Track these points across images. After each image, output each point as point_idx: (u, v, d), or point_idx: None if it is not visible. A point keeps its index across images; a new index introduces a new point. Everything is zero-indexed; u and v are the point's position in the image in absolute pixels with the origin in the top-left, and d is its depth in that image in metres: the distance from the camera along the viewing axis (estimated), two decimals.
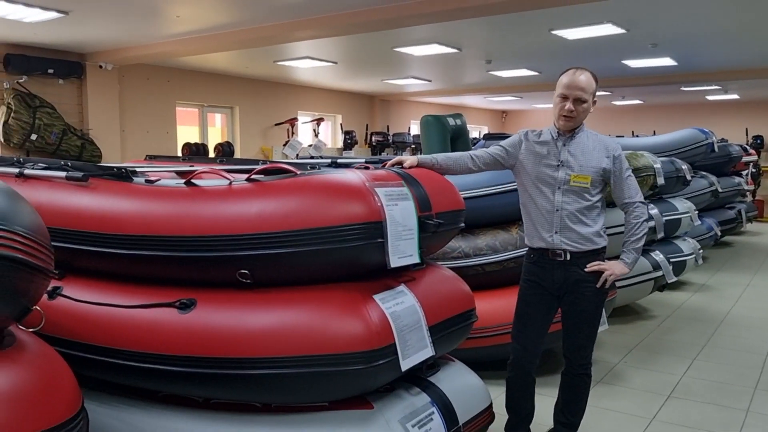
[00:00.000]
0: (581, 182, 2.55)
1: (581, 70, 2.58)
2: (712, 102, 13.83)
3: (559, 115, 2.59)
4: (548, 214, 2.60)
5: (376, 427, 2.13)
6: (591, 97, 2.57)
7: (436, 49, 7.72)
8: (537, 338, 2.72)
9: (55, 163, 2.64)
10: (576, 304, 2.63)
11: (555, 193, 2.59)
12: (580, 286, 2.61)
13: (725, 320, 5.20)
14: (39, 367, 1.49)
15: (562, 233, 2.58)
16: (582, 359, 2.69)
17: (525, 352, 2.72)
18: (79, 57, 7.84)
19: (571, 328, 2.68)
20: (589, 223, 2.58)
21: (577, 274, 2.60)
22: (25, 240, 1.38)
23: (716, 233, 7.73)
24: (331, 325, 2.07)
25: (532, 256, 2.71)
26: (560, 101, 2.58)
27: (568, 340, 2.70)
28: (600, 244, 2.64)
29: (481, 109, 16.37)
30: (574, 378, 2.72)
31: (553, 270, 2.63)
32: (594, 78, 2.59)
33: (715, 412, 3.34)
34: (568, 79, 2.56)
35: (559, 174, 2.58)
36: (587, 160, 2.57)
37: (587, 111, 2.58)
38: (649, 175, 4.93)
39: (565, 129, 2.61)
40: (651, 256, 5.13)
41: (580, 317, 2.64)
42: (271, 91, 10.84)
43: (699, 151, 7.02)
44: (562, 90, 2.57)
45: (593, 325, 2.68)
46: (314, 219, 2.10)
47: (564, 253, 2.60)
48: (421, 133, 4.92)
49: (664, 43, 7.44)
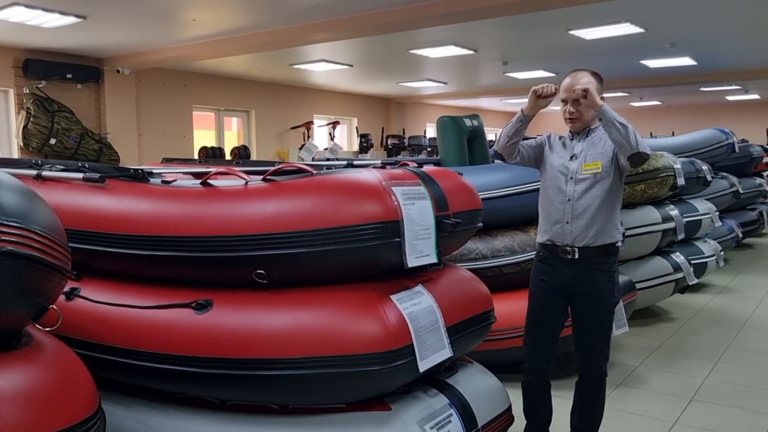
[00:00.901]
0: (592, 169, 2.55)
1: (579, 70, 2.61)
2: (732, 102, 13.64)
3: (564, 120, 2.65)
4: (561, 204, 2.59)
5: (394, 428, 2.10)
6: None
7: (452, 50, 7.70)
8: (550, 342, 2.67)
9: (73, 165, 2.66)
10: (587, 306, 2.57)
11: (568, 183, 2.58)
12: (591, 287, 2.55)
13: (748, 323, 5.10)
14: (56, 367, 1.48)
15: (573, 223, 2.55)
16: (596, 365, 2.62)
17: (538, 356, 2.68)
18: (96, 62, 7.93)
19: (583, 332, 2.62)
20: (601, 213, 2.54)
21: (588, 276, 2.55)
22: (42, 239, 1.38)
23: (738, 235, 7.60)
24: (348, 326, 2.05)
25: (542, 253, 2.68)
26: (563, 106, 2.64)
27: (582, 346, 2.63)
28: (614, 238, 2.58)
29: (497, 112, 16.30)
30: (589, 386, 2.66)
31: (562, 269, 2.59)
32: (595, 76, 2.58)
33: (739, 417, 3.27)
34: (566, 82, 2.61)
35: (572, 165, 2.60)
36: (598, 149, 2.58)
37: (590, 109, 2.54)
38: (669, 176, 4.86)
39: (575, 130, 2.65)
40: (672, 257, 5.05)
41: (592, 320, 2.58)
42: (287, 94, 10.88)
43: (719, 152, 6.90)
44: (562, 94, 2.62)
45: (606, 328, 2.61)
46: (331, 218, 2.08)
47: (573, 251, 2.56)
48: (438, 135, 4.89)
49: (683, 42, 7.35)
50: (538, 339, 2.67)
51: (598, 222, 2.54)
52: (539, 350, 2.67)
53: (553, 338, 2.67)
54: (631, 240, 4.54)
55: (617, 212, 2.62)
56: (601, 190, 2.55)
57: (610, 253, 2.59)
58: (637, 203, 4.88)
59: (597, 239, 2.55)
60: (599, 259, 2.56)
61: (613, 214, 2.59)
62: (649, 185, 4.77)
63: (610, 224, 2.57)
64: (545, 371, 2.69)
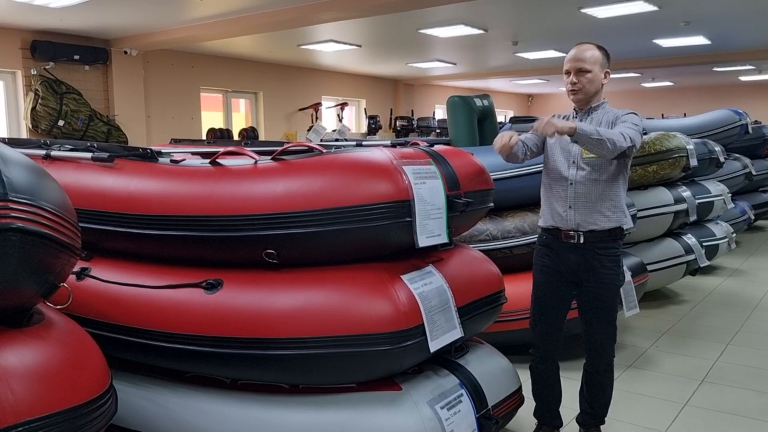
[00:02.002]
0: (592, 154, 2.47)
1: (585, 43, 2.53)
2: (745, 83, 13.44)
3: (567, 91, 2.57)
4: (563, 189, 2.53)
5: (405, 408, 2.10)
6: (597, 68, 2.48)
7: (461, 30, 7.60)
8: (556, 325, 2.64)
9: (81, 145, 2.65)
10: (592, 291, 2.53)
11: (570, 167, 2.52)
12: (596, 272, 2.51)
13: (759, 305, 5.06)
14: (68, 345, 1.48)
15: (576, 208, 2.50)
16: (603, 356, 2.59)
17: (544, 340, 2.66)
18: (104, 43, 7.89)
19: (589, 317, 2.58)
20: (604, 197, 2.48)
21: (592, 261, 2.50)
22: (52, 216, 1.37)
23: (750, 217, 7.52)
24: (359, 306, 2.04)
25: (545, 237, 2.63)
26: (566, 77, 2.55)
27: (588, 330, 2.60)
28: (619, 222, 2.51)
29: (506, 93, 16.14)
30: (597, 370, 2.63)
31: (567, 254, 2.54)
32: (601, 50, 2.51)
33: (751, 398, 3.25)
34: (571, 53, 2.53)
35: (573, 148, 2.52)
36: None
37: (594, 82, 2.49)
38: (681, 157, 4.79)
39: (578, 104, 2.57)
40: (683, 239, 5.01)
41: (598, 305, 2.54)
42: (294, 76, 10.81)
43: (732, 133, 6.81)
44: (566, 65, 2.54)
45: (612, 312, 2.58)
46: (341, 198, 2.06)
47: (577, 236, 2.51)
48: (448, 115, 4.84)
49: (697, 20, 7.21)
50: (543, 323, 2.65)
51: (602, 206, 2.49)
52: (545, 334, 2.65)
53: (559, 321, 2.65)
54: (643, 221, 4.50)
55: (622, 195, 2.55)
56: (605, 174, 2.48)
57: (616, 236, 2.53)
58: (649, 184, 4.82)
59: (602, 223, 2.49)
60: (604, 243, 2.50)
61: (617, 197, 2.52)
62: (661, 166, 4.71)
63: (615, 208, 2.51)
64: (553, 354, 2.67)
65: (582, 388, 2.70)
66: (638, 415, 3.06)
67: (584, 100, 2.53)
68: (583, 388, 2.69)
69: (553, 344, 2.66)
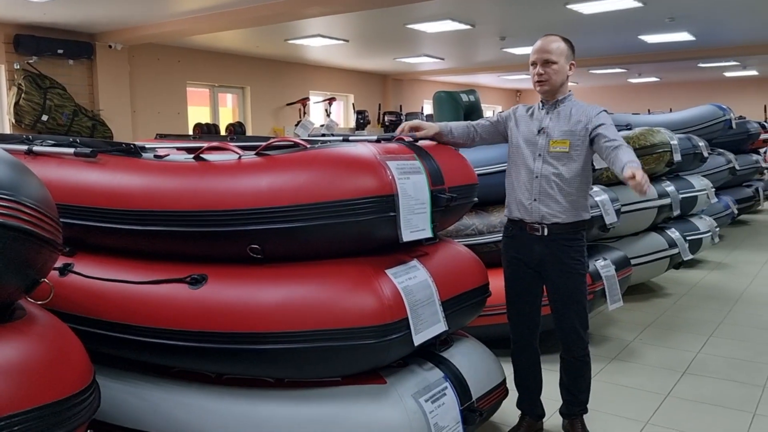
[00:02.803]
0: (560, 147, 2.50)
1: (551, 35, 2.56)
2: (730, 79, 13.58)
3: (533, 82, 2.59)
4: (528, 181, 2.56)
5: (390, 401, 2.12)
6: (563, 59, 2.52)
7: (449, 25, 7.61)
8: (530, 315, 2.68)
9: (64, 140, 2.63)
10: (559, 281, 2.57)
11: (536, 160, 2.54)
12: (561, 263, 2.54)
13: (741, 298, 5.13)
14: (49, 340, 1.48)
15: (541, 201, 2.53)
16: (577, 342, 2.62)
17: (521, 330, 2.70)
18: (88, 37, 7.82)
19: (559, 308, 2.61)
20: (570, 191, 2.51)
21: (558, 250, 2.54)
22: (33, 211, 1.36)
23: (733, 211, 7.61)
24: (344, 300, 2.05)
25: (511, 229, 2.66)
26: (532, 69, 2.57)
27: (560, 323, 2.63)
28: (583, 216, 2.56)
29: (494, 88, 16.19)
30: (572, 362, 2.67)
31: (531, 245, 2.58)
32: (566, 42, 2.55)
33: (732, 389, 3.30)
34: (537, 45, 2.55)
35: (539, 140, 2.55)
36: (567, 125, 2.52)
37: (560, 73, 2.52)
38: (665, 152, 4.85)
39: (545, 95, 2.59)
40: (667, 233, 5.06)
41: (566, 294, 2.58)
42: (282, 70, 10.77)
43: (716, 128, 6.88)
44: (532, 57, 2.56)
45: (581, 302, 2.61)
46: (325, 192, 2.07)
47: (542, 228, 2.54)
48: (434, 110, 4.86)
49: (681, 16, 7.28)
50: (518, 312, 2.69)
51: (566, 200, 2.51)
52: (521, 322, 2.69)
53: (531, 310, 2.68)
54: (627, 216, 4.54)
55: (586, 189, 2.59)
56: (571, 168, 2.51)
57: (579, 229, 2.56)
58: None
59: (566, 217, 2.52)
60: (568, 235, 2.54)
61: (582, 191, 2.56)
62: (645, 161, 4.75)
63: (579, 202, 2.54)
64: (531, 342, 2.71)
65: (561, 378, 2.74)
66: (621, 406, 3.10)
67: (551, 92, 2.56)
68: (563, 378, 2.73)
69: (528, 332, 2.70)
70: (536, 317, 2.71)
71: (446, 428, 2.19)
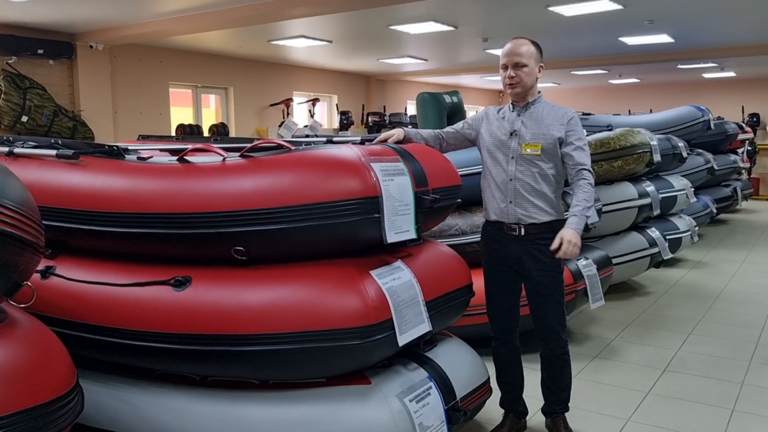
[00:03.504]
0: (532, 150, 2.54)
1: (520, 38, 2.60)
2: (708, 80, 13.76)
3: (504, 85, 2.62)
4: (503, 184, 2.60)
5: (374, 402, 2.13)
6: (533, 62, 2.57)
7: (432, 26, 7.63)
8: (509, 311, 2.73)
9: (45, 142, 2.61)
10: (536, 280, 2.61)
11: (509, 163, 2.58)
12: (537, 261, 2.59)
13: (720, 296, 5.22)
14: (32, 343, 1.47)
15: (516, 203, 2.57)
16: (556, 341, 2.66)
17: (500, 327, 2.74)
18: (68, 37, 7.73)
19: (537, 306, 2.65)
20: (544, 192, 2.56)
21: (533, 249, 2.58)
22: (14, 214, 1.35)
23: (712, 211, 7.74)
24: (328, 301, 2.06)
25: (489, 228, 2.70)
26: (503, 71, 2.61)
27: (538, 322, 2.67)
28: (557, 215, 2.61)
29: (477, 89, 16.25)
30: (552, 360, 2.71)
31: (508, 244, 2.62)
32: (534, 45, 2.59)
33: (711, 386, 3.36)
34: (507, 48, 2.60)
35: (512, 143, 2.59)
36: (539, 128, 2.56)
37: (531, 75, 2.57)
38: (645, 152, 4.91)
39: (516, 97, 2.62)
40: (647, 232, 5.14)
41: (543, 292, 2.62)
42: (265, 71, 10.73)
43: (695, 129, 6.99)
44: (502, 60, 2.60)
45: (558, 300, 2.65)
46: (310, 194, 2.08)
47: (519, 228, 2.58)
48: (417, 111, 4.88)
49: (660, 19, 7.37)
50: (498, 310, 2.73)
51: (541, 201, 2.56)
52: (501, 320, 2.73)
53: (510, 307, 2.72)
54: (608, 215, 4.60)
55: (559, 191, 2.64)
56: (544, 170, 2.55)
57: (555, 228, 2.59)
58: (614, 179, 4.93)
59: (541, 217, 2.57)
60: (544, 234, 2.58)
61: (556, 192, 2.61)
62: (626, 161, 4.82)
63: (553, 201, 2.59)
64: (511, 339, 2.75)
65: (542, 377, 2.77)
66: (603, 403, 3.14)
67: (522, 94, 2.60)
68: (544, 376, 2.76)
69: (508, 329, 2.74)
70: (515, 314, 2.74)
71: (431, 428, 2.21)
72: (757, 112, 13.37)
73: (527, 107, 2.61)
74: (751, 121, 13.14)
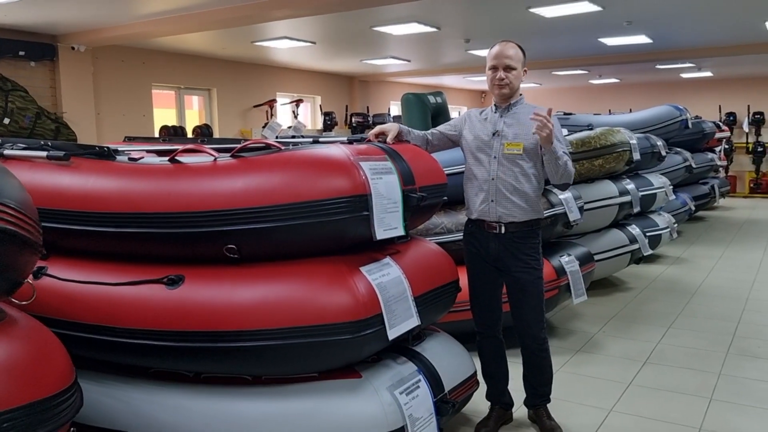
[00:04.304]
0: (514, 149, 2.61)
1: (507, 41, 2.67)
2: (686, 80, 14.00)
3: (492, 85, 2.68)
4: (485, 183, 2.66)
5: (365, 394, 2.18)
6: (520, 65, 2.65)
7: (415, 28, 7.70)
8: (491, 306, 2.79)
9: (35, 144, 2.63)
10: (514, 276, 2.68)
11: (491, 163, 2.65)
12: (517, 258, 2.65)
13: (699, 290, 5.35)
14: (32, 340, 1.50)
15: (498, 202, 2.63)
16: (535, 336, 2.73)
17: (483, 321, 2.80)
18: (50, 39, 7.67)
19: (516, 303, 2.72)
20: (525, 191, 2.63)
21: (513, 247, 2.65)
22: (16, 213, 1.39)
23: (690, 208, 7.90)
24: (319, 297, 2.11)
25: (470, 226, 2.77)
26: (492, 73, 2.67)
27: (517, 318, 2.74)
28: (538, 214, 2.69)
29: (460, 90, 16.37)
30: (531, 356, 2.78)
31: (489, 242, 2.68)
32: (521, 49, 2.67)
33: (689, 376, 3.46)
34: (496, 50, 2.66)
35: (494, 143, 2.65)
36: (521, 128, 2.63)
37: (519, 78, 2.65)
38: (625, 151, 5.02)
39: (501, 98, 2.69)
40: (628, 229, 5.25)
41: (522, 289, 2.68)
42: (249, 72, 10.72)
43: (673, 128, 7.14)
44: (492, 61, 2.66)
45: (537, 296, 2.71)
46: (300, 193, 2.12)
47: (499, 226, 2.65)
48: (402, 111, 4.94)
49: (639, 20, 7.51)
50: (481, 305, 2.79)
51: (522, 200, 2.63)
52: (484, 313, 2.79)
53: (492, 301, 2.78)
54: (590, 213, 4.70)
55: (541, 190, 2.72)
56: (525, 169, 2.62)
57: (534, 227, 2.68)
58: (595, 177, 5.03)
59: (521, 215, 2.64)
60: (523, 233, 2.65)
61: (537, 192, 2.68)
62: (606, 160, 4.92)
63: (533, 201, 2.66)
64: (494, 333, 2.81)
65: (524, 372, 2.84)
66: (586, 395, 3.23)
67: (508, 95, 2.67)
68: (525, 372, 2.83)
69: (491, 323, 2.80)
70: (497, 310, 2.81)
71: (420, 419, 2.27)
72: (734, 111, 13.64)
73: (509, 108, 2.69)
74: (728, 120, 13.40)
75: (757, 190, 13.24)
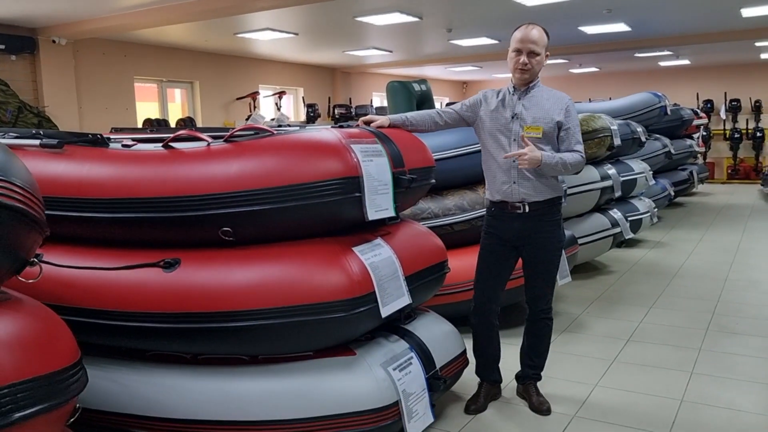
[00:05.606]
0: (533, 133, 2.65)
1: (533, 25, 2.70)
2: (664, 68, 14.21)
3: (514, 68, 2.70)
4: (506, 165, 2.71)
5: (360, 371, 2.25)
6: (543, 50, 2.69)
7: (397, 17, 7.74)
8: (496, 285, 2.84)
9: (26, 132, 2.64)
10: (534, 254, 2.76)
11: (511, 145, 2.70)
12: (539, 237, 2.74)
13: (679, 272, 5.49)
14: (39, 317, 1.54)
15: (520, 184, 2.70)
16: (543, 306, 2.84)
17: (485, 298, 2.85)
18: (30, 32, 7.60)
19: (531, 276, 2.82)
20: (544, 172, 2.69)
21: (536, 225, 2.72)
22: (23, 191, 1.42)
23: (670, 193, 8.06)
24: (314, 276, 2.17)
25: (493, 209, 2.82)
26: (515, 56, 2.69)
27: (529, 289, 2.84)
28: (558, 192, 2.77)
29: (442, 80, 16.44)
30: (536, 323, 2.88)
31: (512, 222, 2.74)
32: (546, 33, 2.71)
33: (671, 352, 3.58)
34: (521, 33, 2.68)
35: (513, 126, 2.70)
36: (540, 112, 2.68)
37: (541, 63, 2.70)
38: (606, 136, 5.12)
39: (521, 82, 2.72)
40: (610, 214, 5.36)
41: (539, 266, 2.78)
42: (231, 64, 10.69)
43: (653, 114, 7.26)
44: (516, 44, 2.68)
45: (551, 273, 2.82)
46: (293, 176, 2.18)
47: (523, 206, 2.71)
48: (388, 99, 4.99)
49: (618, 8, 7.63)
50: (486, 282, 2.84)
51: (543, 181, 2.70)
52: (486, 292, 2.85)
53: (500, 283, 2.85)
54: (573, 198, 4.80)
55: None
56: (544, 151, 2.67)
57: (555, 204, 2.77)
58: None
59: (544, 195, 2.72)
60: (546, 210, 2.74)
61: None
62: (588, 146, 5.01)
63: (553, 181, 2.75)
64: (491, 312, 2.87)
65: (523, 344, 2.92)
66: (572, 372, 3.32)
67: (529, 80, 2.70)
68: (524, 343, 2.92)
69: (492, 303, 2.84)
70: (499, 290, 2.85)
71: (414, 394, 2.35)
72: (711, 99, 13.88)
73: (527, 91, 2.72)
74: (706, 107, 13.63)
75: (735, 176, 13.51)
